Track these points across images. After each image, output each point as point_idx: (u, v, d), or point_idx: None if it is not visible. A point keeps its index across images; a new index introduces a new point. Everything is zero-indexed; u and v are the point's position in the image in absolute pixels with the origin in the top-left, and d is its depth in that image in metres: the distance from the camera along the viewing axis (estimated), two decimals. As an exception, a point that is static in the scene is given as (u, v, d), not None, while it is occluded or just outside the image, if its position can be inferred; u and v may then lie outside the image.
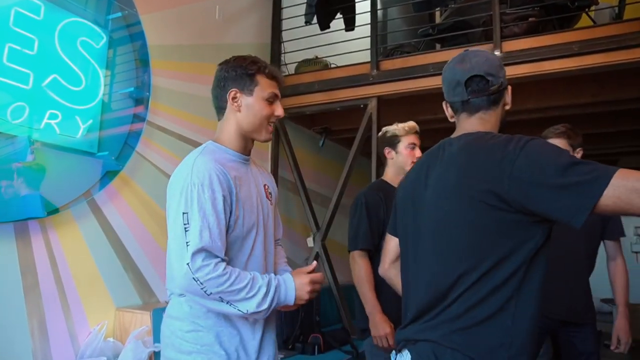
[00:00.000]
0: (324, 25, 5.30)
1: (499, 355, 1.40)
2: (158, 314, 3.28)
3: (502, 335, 1.40)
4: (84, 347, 3.15)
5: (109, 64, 3.48)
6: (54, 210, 3.04)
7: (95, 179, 3.32)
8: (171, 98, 4.02)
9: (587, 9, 4.51)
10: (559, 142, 2.98)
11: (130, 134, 3.58)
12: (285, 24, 5.44)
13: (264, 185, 2.05)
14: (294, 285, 1.83)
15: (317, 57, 5.29)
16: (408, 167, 2.71)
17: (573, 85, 4.58)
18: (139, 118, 3.64)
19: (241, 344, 1.84)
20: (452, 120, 1.75)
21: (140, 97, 3.66)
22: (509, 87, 1.71)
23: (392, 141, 2.97)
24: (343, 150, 6.36)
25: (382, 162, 3.12)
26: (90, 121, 3.30)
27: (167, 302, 3.69)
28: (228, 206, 1.78)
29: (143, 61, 3.71)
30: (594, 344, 2.99)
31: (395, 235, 1.88)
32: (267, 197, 2.04)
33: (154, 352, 3.16)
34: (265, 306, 1.73)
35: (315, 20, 5.25)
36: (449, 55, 4.41)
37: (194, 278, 1.63)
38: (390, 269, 2.00)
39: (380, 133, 3.09)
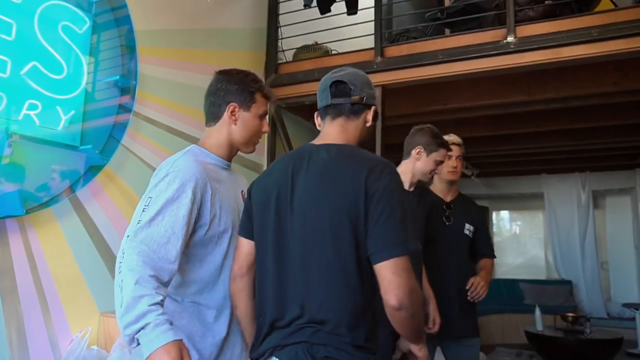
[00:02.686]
0: (325, 8, 5.29)
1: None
2: (146, 319, 3.29)
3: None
4: (66, 355, 3.15)
5: (92, 50, 3.47)
6: (33, 208, 3.04)
7: (77, 174, 3.31)
8: (160, 87, 4.02)
9: (608, -9, 4.50)
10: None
11: (116, 126, 3.58)
12: (282, 7, 5.43)
13: (241, 192, 2.24)
14: (160, 346, 1.63)
15: (316, 43, 5.28)
16: (447, 176, 3.39)
17: (593, 73, 4.58)
18: (124, 109, 3.63)
19: (214, 343, 1.98)
20: (319, 128, 1.98)
21: (126, 86, 3.65)
22: (373, 107, 1.98)
23: None
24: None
25: (386, 155, 3.28)
26: (73, 112, 3.29)
27: (155, 307, 3.68)
28: (197, 205, 1.92)
29: (129, 47, 3.69)
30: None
31: (250, 238, 1.95)
32: (243, 202, 2.21)
33: (142, 360, 3.17)
34: (125, 320, 1.65)
35: (314, 3, 5.24)
36: (459, 41, 4.47)
37: (123, 249, 1.77)
38: (246, 276, 1.97)
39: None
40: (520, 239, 10.95)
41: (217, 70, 2.28)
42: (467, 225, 3.29)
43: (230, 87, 2.15)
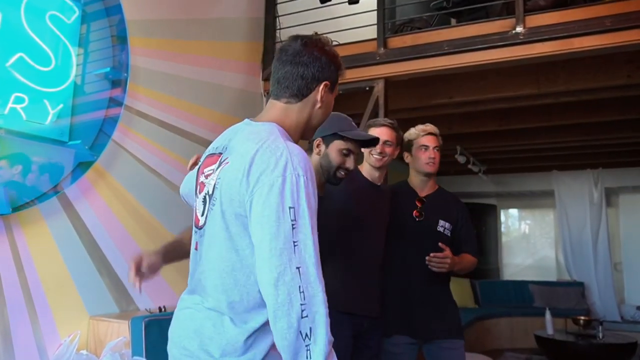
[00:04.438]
0: (325, -3, 5.29)
1: None
2: (137, 323, 3.29)
3: None
4: (54, 360, 3.16)
5: (82, 41, 3.47)
6: (20, 206, 3.04)
7: (66, 170, 3.32)
8: (152, 80, 4.01)
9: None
10: (384, 131, 3.08)
11: (106, 121, 3.57)
12: (280, -4, 5.43)
13: None
14: None
15: (316, 33, 5.20)
16: (423, 168, 3.23)
17: (606, 65, 4.58)
18: (115, 102, 3.63)
19: None
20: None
21: (117, 79, 3.65)
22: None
23: (408, 145, 3.29)
24: (346, 138, 6.36)
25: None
26: (61, 106, 3.29)
27: (148, 310, 3.71)
28: None
29: (120, 38, 3.69)
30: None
31: None
32: None
33: (133, 365, 3.18)
34: None
35: (314, -9, 5.24)
36: (465, 31, 4.46)
37: (301, 287, 1.50)
38: None
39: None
40: (530, 238, 10.95)
41: (211, 61, 2.17)
42: (441, 222, 3.23)
43: (324, 61, 1.90)
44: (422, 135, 3.25)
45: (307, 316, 1.49)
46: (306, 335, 1.49)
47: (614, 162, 8.84)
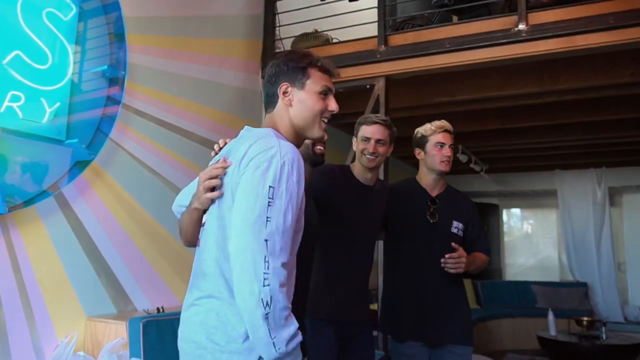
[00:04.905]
0: (325, -6, 5.29)
1: None
2: (134, 324, 3.29)
3: None
4: (51, 362, 3.16)
5: (79, 38, 3.47)
6: (16, 206, 3.04)
7: (63, 170, 3.31)
8: (150, 78, 4.01)
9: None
10: (376, 129, 3.00)
11: (104, 119, 3.57)
12: (280, -7, 5.43)
13: None
14: None
15: (316, 30, 5.27)
16: (438, 167, 3.11)
17: (609, 63, 4.57)
18: (113, 100, 3.63)
19: None
20: None
21: (114, 77, 3.64)
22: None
23: (421, 142, 3.18)
24: (346, 137, 6.34)
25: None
26: (58, 104, 3.29)
27: (146, 311, 3.71)
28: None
29: (118, 35, 3.69)
30: None
31: None
32: None
33: (131, 367, 3.18)
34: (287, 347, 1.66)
35: (314, -12, 5.24)
36: (467, 28, 4.46)
37: (266, 257, 1.65)
38: None
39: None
40: (532, 238, 10.95)
41: (210, 59, 2.29)
42: (454, 223, 3.16)
43: (280, 69, 2.06)
44: (439, 132, 3.13)
45: (268, 285, 1.62)
46: (267, 303, 1.62)
47: (618, 161, 8.84)
